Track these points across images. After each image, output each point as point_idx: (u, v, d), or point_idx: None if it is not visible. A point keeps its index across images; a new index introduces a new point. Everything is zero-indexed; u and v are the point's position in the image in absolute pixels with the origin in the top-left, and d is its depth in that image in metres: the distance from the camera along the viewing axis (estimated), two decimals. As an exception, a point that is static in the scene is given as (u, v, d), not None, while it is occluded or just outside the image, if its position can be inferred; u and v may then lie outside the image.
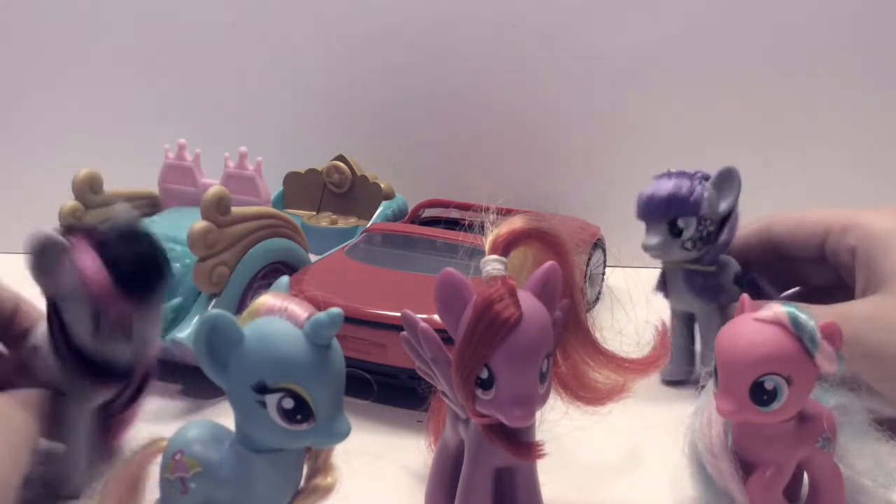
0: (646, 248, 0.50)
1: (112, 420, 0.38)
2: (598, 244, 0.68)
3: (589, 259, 0.65)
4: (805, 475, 0.38)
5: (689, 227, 0.49)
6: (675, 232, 0.49)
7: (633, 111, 0.78)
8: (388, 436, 0.48)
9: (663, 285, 0.53)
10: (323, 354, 0.27)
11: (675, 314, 0.53)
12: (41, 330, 0.36)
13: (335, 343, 0.28)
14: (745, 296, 0.36)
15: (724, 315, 0.50)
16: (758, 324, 0.33)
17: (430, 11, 0.76)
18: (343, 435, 0.28)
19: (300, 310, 0.28)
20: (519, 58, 0.77)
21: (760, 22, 0.75)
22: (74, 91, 0.78)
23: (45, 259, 0.32)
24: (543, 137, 0.79)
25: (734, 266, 0.51)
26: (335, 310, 0.27)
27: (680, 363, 0.53)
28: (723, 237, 0.49)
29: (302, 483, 0.30)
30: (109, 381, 0.36)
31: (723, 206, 0.49)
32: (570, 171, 0.80)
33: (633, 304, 0.51)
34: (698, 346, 0.53)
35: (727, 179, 0.50)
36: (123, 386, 0.37)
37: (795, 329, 0.32)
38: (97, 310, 0.33)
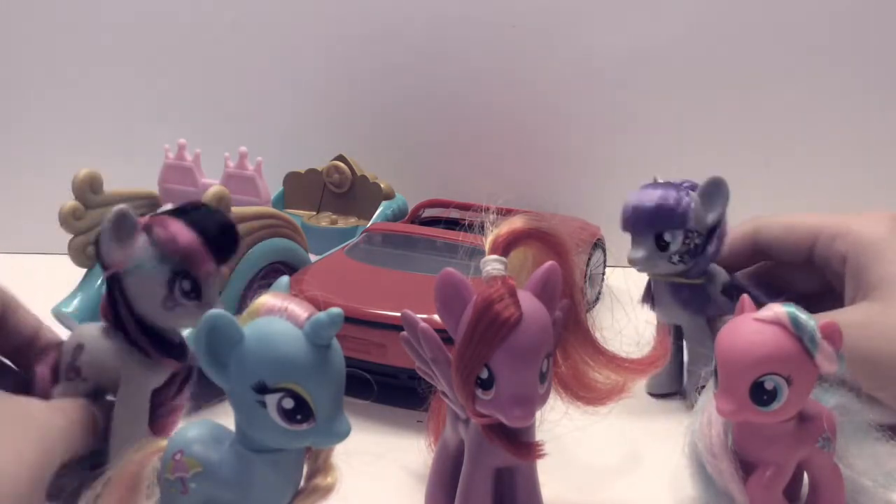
0: (631, 261, 0.48)
1: (162, 410, 0.38)
2: (598, 244, 0.68)
3: (589, 259, 0.65)
4: (805, 475, 0.38)
5: (676, 241, 0.47)
6: (662, 245, 0.47)
7: (632, 111, 0.78)
8: (388, 436, 0.48)
9: (649, 297, 0.52)
10: (323, 354, 0.27)
11: (661, 327, 0.51)
12: (86, 330, 0.37)
13: (335, 343, 0.28)
14: (746, 296, 0.36)
15: (713, 327, 0.49)
16: (758, 324, 0.33)
17: (429, 11, 0.76)
18: (343, 435, 0.28)
19: (300, 310, 0.28)
20: (519, 58, 0.77)
21: (760, 22, 0.75)
22: (74, 91, 0.78)
23: (119, 232, 0.35)
24: (543, 137, 0.79)
25: (722, 276, 0.49)
26: (335, 310, 0.27)
27: (667, 376, 0.52)
28: (710, 249, 0.47)
29: (302, 483, 0.30)
30: (171, 355, 0.37)
31: (710, 217, 0.47)
32: (570, 171, 0.80)
33: (633, 304, 0.51)
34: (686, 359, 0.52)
35: (715, 190, 0.47)
36: (179, 366, 0.37)
37: (795, 329, 0.32)
38: (178, 272, 0.35)
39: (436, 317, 0.33)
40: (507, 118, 0.79)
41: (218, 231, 0.35)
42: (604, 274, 0.70)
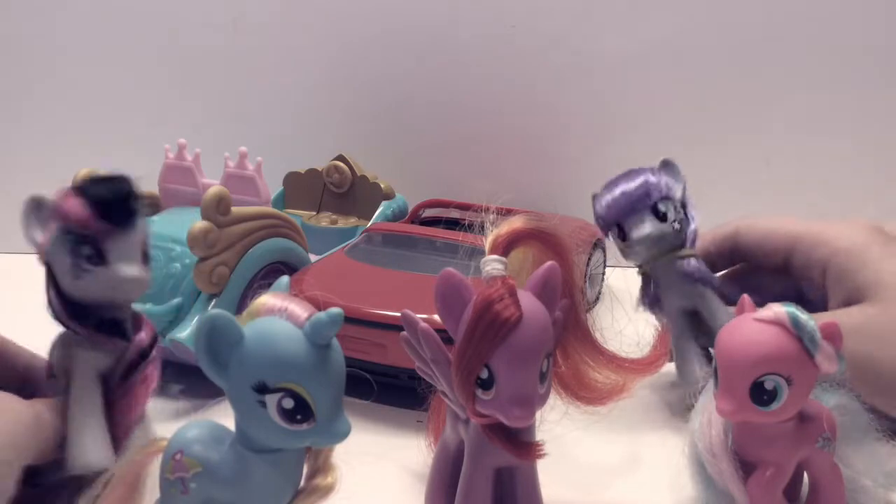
0: (640, 239, 0.48)
1: (116, 392, 0.38)
2: (598, 244, 0.68)
3: (589, 259, 0.65)
4: (805, 475, 0.38)
5: (670, 210, 0.48)
6: (661, 217, 0.48)
7: (632, 112, 0.78)
8: (388, 436, 0.48)
9: (648, 295, 0.50)
10: (323, 354, 0.27)
11: (672, 316, 0.50)
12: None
13: (335, 343, 0.28)
14: (746, 296, 0.36)
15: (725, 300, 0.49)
16: (758, 324, 0.33)
17: (429, 12, 0.76)
18: (343, 435, 0.28)
19: (300, 310, 0.28)
20: (519, 58, 0.77)
21: (760, 22, 0.75)
22: (74, 91, 0.78)
23: (35, 219, 0.36)
24: (543, 138, 0.79)
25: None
26: (335, 310, 0.27)
27: (696, 363, 0.50)
28: (693, 218, 0.49)
29: (302, 483, 0.30)
30: (100, 330, 0.37)
31: (678, 190, 0.49)
32: (570, 171, 0.80)
33: (633, 304, 0.51)
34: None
35: (671, 168, 0.49)
36: (125, 345, 0.37)
37: (795, 329, 0.32)
38: (77, 241, 0.35)
39: (436, 317, 0.33)
40: (507, 118, 0.79)
41: (105, 191, 0.36)
42: (604, 274, 0.70)
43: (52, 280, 0.36)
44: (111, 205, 0.36)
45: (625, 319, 0.50)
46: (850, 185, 0.76)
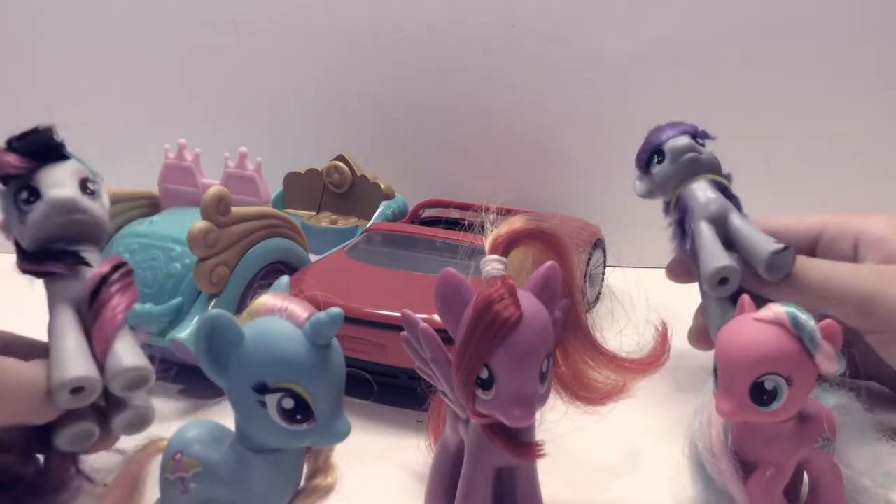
0: (677, 148, 0.51)
1: (90, 316, 0.38)
2: (598, 244, 0.68)
3: (589, 259, 0.65)
4: (805, 475, 0.38)
5: (707, 145, 0.51)
6: (699, 142, 0.52)
7: (633, 111, 0.78)
8: (388, 436, 0.48)
9: (683, 225, 0.51)
10: (323, 354, 0.27)
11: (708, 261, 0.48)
12: None
13: (335, 343, 0.28)
14: (746, 296, 0.36)
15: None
16: (758, 324, 0.33)
17: (429, 12, 0.76)
18: (343, 435, 0.28)
19: (300, 310, 0.28)
20: (519, 58, 0.77)
21: (760, 21, 0.75)
22: (74, 91, 0.78)
23: None
24: (543, 137, 0.79)
25: None
26: (335, 310, 0.27)
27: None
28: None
29: (302, 483, 0.30)
30: (66, 261, 0.39)
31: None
32: (570, 171, 0.80)
33: (633, 304, 0.51)
34: None
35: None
36: (88, 271, 0.38)
37: (795, 329, 0.32)
38: (12, 189, 0.39)
39: (436, 317, 0.33)
40: (507, 118, 0.79)
41: (27, 138, 0.40)
42: (604, 274, 0.70)
43: (16, 243, 0.39)
44: (34, 146, 0.39)
45: (625, 319, 0.50)
46: (851, 186, 0.76)
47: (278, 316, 0.28)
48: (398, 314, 0.35)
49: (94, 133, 0.79)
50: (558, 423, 0.38)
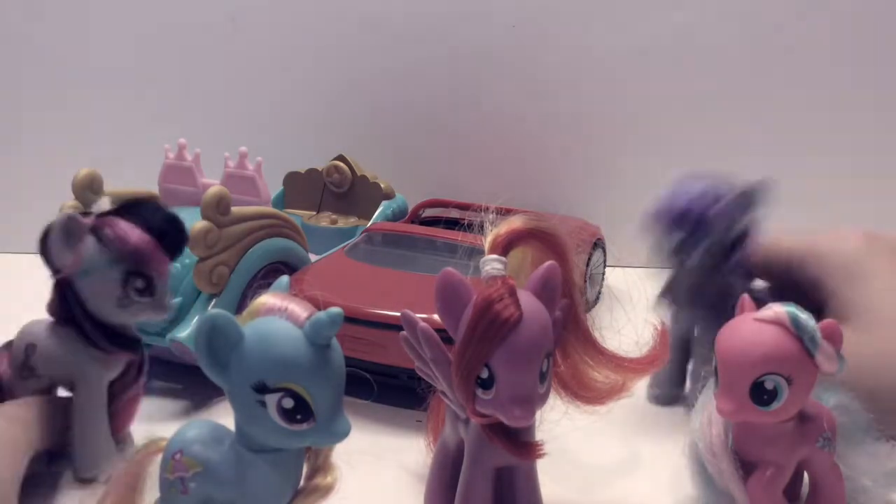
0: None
1: (119, 402, 0.39)
2: (598, 244, 0.68)
3: (589, 259, 0.65)
4: (805, 475, 0.38)
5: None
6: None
7: (633, 111, 0.78)
8: (388, 436, 0.48)
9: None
10: (323, 354, 0.27)
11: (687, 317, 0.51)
12: (35, 328, 0.38)
13: (335, 343, 0.28)
14: (746, 296, 0.36)
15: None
16: (758, 324, 0.33)
17: (430, 12, 0.76)
18: (343, 435, 0.28)
19: (300, 309, 0.28)
20: (519, 58, 0.77)
21: (761, 21, 0.75)
22: (74, 91, 0.78)
23: (69, 237, 0.35)
24: (543, 137, 0.79)
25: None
26: (335, 309, 0.27)
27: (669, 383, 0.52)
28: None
29: (302, 483, 0.30)
30: (126, 348, 0.38)
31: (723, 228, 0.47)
32: (570, 171, 0.80)
33: (633, 304, 0.51)
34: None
35: (748, 198, 0.48)
36: (133, 357, 0.39)
37: (795, 329, 0.32)
38: (131, 272, 0.36)
39: (436, 317, 0.33)
40: (507, 118, 0.79)
41: (167, 228, 0.37)
42: (604, 274, 0.70)
43: (77, 298, 0.37)
44: (174, 239, 0.37)
45: (625, 319, 0.50)
46: (851, 185, 0.76)
47: (278, 316, 0.28)
48: (398, 314, 0.35)
49: (94, 133, 0.79)
50: (558, 423, 0.38)
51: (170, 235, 0.37)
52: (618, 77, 0.77)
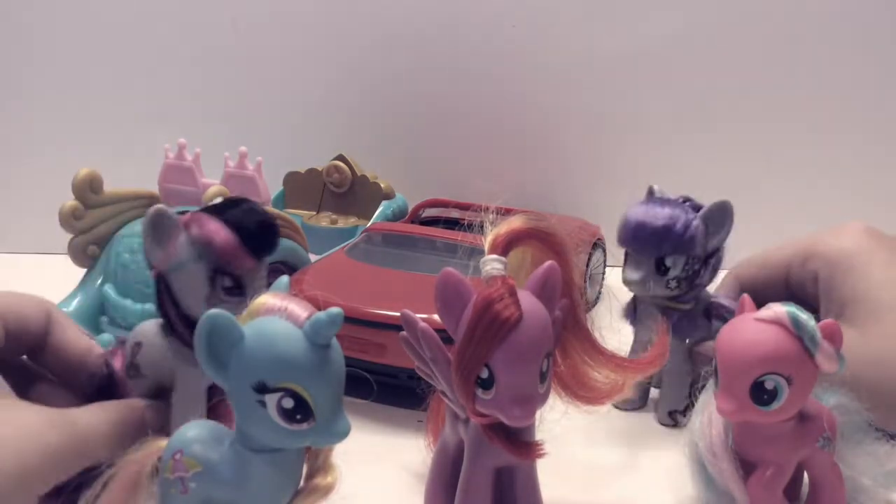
0: (627, 282, 0.47)
1: (218, 405, 0.38)
2: (598, 244, 0.68)
3: (589, 259, 0.65)
4: (805, 475, 0.38)
5: (677, 266, 0.45)
6: (662, 270, 0.45)
7: (632, 111, 0.78)
8: (388, 436, 0.48)
9: (633, 314, 0.50)
10: (323, 354, 0.27)
11: (639, 345, 0.49)
12: (145, 327, 0.37)
13: (335, 343, 0.28)
14: (746, 296, 0.36)
15: (693, 353, 0.48)
16: (758, 324, 0.33)
17: (430, 12, 0.76)
18: (343, 434, 0.28)
19: (300, 310, 0.28)
20: (519, 58, 0.77)
21: (761, 22, 0.75)
22: (74, 91, 0.78)
23: (157, 232, 0.35)
24: (543, 137, 0.79)
25: (705, 298, 0.48)
26: (335, 309, 0.27)
27: (635, 395, 0.51)
28: (704, 277, 0.46)
29: (302, 483, 0.30)
30: None
31: (712, 243, 0.45)
32: (570, 171, 0.80)
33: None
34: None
35: (720, 214, 0.45)
36: None
37: (796, 329, 0.32)
38: (218, 270, 0.35)
39: (436, 317, 0.33)
40: (507, 118, 0.79)
41: (255, 228, 0.36)
42: (604, 274, 0.70)
43: (171, 296, 0.36)
44: (260, 240, 0.36)
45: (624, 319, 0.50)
46: (850, 186, 0.76)
47: (278, 316, 0.28)
48: (398, 314, 0.35)
49: (94, 133, 0.79)
50: (558, 423, 0.38)
51: (258, 236, 0.36)
52: (618, 77, 0.77)
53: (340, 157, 0.74)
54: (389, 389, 0.49)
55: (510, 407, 0.31)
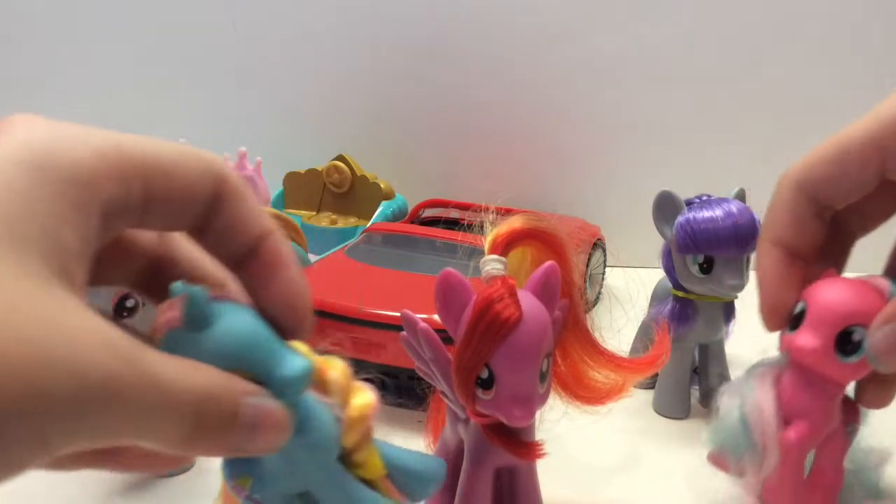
0: (734, 287, 0.45)
1: None
2: (598, 244, 0.68)
3: (589, 259, 0.65)
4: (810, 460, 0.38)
5: (751, 259, 0.45)
6: (748, 265, 0.45)
7: (632, 111, 0.78)
8: (388, 436, 0.48)
9: (682, 314, 0.49)
10: (208, 335, 0.23)
11: (685, 349, 0.50)
12: None
13: (218, 317, 0.23)
14: (832, 269, 0.35)
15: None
16: (863, 283, 0.33)
17: (430, 12, 0.76)
18: (297, 372, 0.24)
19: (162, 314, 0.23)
20: (519, 58, 0.77)
21: (761, 22, 0.75)
22: (74, 90, 0.78)
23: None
24: (543, 137, 0.79)
25: None
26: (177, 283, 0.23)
27: (677, 399, 0.51)
28: None
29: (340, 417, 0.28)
30: None
31: None
32: (570, 171, 0.80)
33: (632, 304, 0.51)
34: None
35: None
36: None
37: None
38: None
39: (436, 317, 0.33)
40: (507, 118, 0.79)
41: None
42: (604, 274, 0.70)
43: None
44: None
45: (624, 319, 0.50)
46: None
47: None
48: (398, 314, 0.35)
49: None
50: (558, 423, 0.38)
51: None
52: (618, 78, 0.77)
53: (340, 158, 0.74)
54: (390, 389, 0.49)
55: (510, 407, 0.31)
